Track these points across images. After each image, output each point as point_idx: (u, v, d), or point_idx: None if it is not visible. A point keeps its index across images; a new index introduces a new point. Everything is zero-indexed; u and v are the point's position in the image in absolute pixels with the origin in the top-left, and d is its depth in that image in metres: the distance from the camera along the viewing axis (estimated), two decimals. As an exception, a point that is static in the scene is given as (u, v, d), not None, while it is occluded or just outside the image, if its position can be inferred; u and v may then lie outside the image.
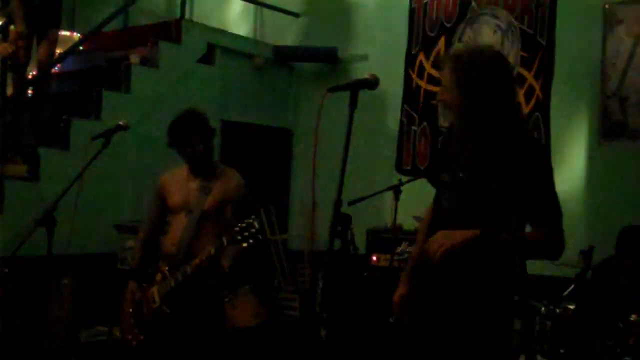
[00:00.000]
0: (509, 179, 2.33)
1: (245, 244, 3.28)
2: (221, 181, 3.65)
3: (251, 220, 3.29)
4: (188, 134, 3.59)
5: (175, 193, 3.69)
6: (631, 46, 5.22)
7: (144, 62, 6.12)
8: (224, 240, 3.36)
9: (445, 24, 6.16)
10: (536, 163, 2.41)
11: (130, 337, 3.64)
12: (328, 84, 2.38)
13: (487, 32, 5.90)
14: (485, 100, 2.35)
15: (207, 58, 6.45)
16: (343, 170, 2.15)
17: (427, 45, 6.23)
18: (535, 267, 5.01)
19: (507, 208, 2.33)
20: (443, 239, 2.30)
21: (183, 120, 3.64)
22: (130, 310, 3.66)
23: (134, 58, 6.11)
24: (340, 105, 2.37)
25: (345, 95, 2.31)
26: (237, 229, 3.30)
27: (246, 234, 3.29)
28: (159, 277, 3.59)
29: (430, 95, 6.07)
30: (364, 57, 6.67)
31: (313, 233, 2.20)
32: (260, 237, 3.30)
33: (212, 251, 3.39)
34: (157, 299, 3.56)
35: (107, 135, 3.50)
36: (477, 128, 2.40)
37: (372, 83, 2.34)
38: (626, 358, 3.80)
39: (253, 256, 3.68)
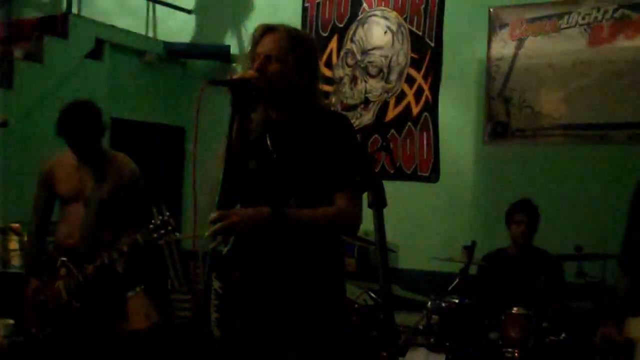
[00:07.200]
0: (320, 151, 2.36)
1: (161, 242, 3.25)
2: (115, 167, 3.57)
3: (167, 218, 3.24)
4: (81, 125, 3.48)
5: (66, 181, 3.58)
6: (514, 49, 5.42)
7: (28, 57, 5.87)
8: (139, 238, 3.30)
9: (338, 24, 6.22)
10: (342, 132, 2.45)
11: (35, 330, 3.55)
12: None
13: (378, 33, 5.99)
14: (310, 77, 2.43)
15: (95, 54, 6.26)
16: (226, 168, 2.13)
17: (320, 46, 6.26)
18: (424, 263, 5.17)
19: (321, 182, 2.35)
20: (240, 217, 2.26)
21: (77, 110, 3.52)
22: (33, 305, 3.55)
23: (18, 53, 5.87)
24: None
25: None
26: (151, 226, 3.24)
27: (162, 231, 3.24)
28: (63, 271, 3.49)
29: (324, 94, 6.11)
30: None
31: (195, 233, 2.19)
32: (177, 235, 3.27)
33: (125, 248, 3.33)
34: (64, 293, 3.47)
35: (-17, 132, 3.39)
36: (293, 103, 2.41)
37: (252, 83, 2.27)
38: (509, 350, 3.94)
39: (145, 257, 3.62)
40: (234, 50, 6.68)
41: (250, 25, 6.76)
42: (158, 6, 7.06)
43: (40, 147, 4.83)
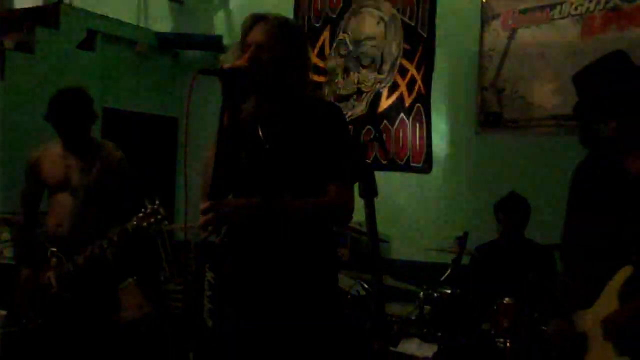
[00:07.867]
0: (312, 142, 2.36)
1: (151, 231, 3.27)
2: (102, 156, 3.57)
3: (156, 206, 3.26)
4: (72, 112, 3.49)
5: (53, 170, 3.58)
6: (506, 39, 5.42)
7: (19, 47, 5.86)
8: (129, 226, 3.30)
9: (330, 14, 6.21)
10: (334, 122, 2.44)
11: (26, 320, 3.56)
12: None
13: (371, 23, 5.98)
14: (301, 66, 2.43)
15: (87, 44, 6.24)
16: (217, 158, 2.13)
17: (312, 36, 6.26)
18: (416, 254, 5.18)
19: (313, 172, 2.35)
20: (231, 207, 2.29)
21: (68, 97, 3.52)
22: (25, 296, 3.56)
23: (9, 43, 5.85)
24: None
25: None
26: (141, 215, 3.25)
27: (152, 220, 3.25)
28: (54, 261, 3.50)
29: (315, 84, 6.11)
30: (250, 46, 6.65)
31: (185, 223, 2.20)
32: (167, 223, 3.28)
33: (115, 237, 3.33)
34: (54, 284, 3.48)
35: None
36: (284, 93, 2.41)
37: (243, 72, 2.27)
38: (500, 340, 3.95)
39: (138, 247, 3.62)
40: (225, 40, 6.67)
41: (243, 16, 6.73)
42: (150, -4, 7.04)
43: (32, 137, 4.80)
